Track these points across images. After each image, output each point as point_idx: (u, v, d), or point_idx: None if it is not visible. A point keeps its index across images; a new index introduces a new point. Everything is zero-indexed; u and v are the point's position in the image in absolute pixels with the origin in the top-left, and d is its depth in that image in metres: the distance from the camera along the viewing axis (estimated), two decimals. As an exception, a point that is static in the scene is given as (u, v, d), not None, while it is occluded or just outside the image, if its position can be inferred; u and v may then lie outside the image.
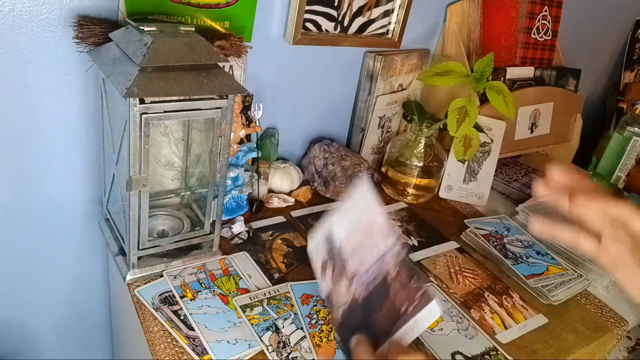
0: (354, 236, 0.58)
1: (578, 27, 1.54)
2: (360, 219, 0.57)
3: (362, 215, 0.57)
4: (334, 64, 1.09)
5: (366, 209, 0.57)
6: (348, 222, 0.59)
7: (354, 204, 0.59)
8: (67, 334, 1.07)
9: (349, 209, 0.60)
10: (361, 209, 0.58)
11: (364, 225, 0.57)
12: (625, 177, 1.34)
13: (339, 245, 0.59)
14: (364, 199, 0.58)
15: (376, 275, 0.53)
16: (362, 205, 0.58)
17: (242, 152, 0.96)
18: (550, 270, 0.94)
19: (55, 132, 0.84)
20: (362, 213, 0.58)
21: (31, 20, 0.74)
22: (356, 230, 0.58)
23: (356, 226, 0.58)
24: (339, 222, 0.61)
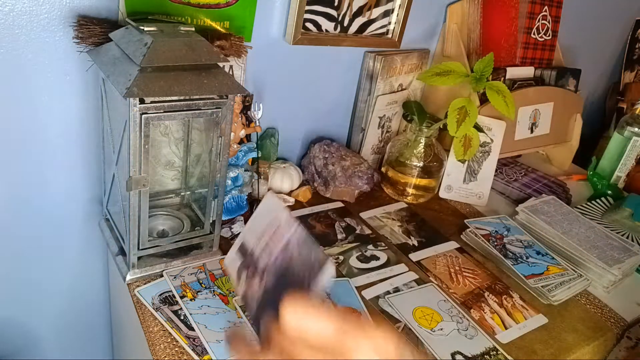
0: (263, 238, 0.60)
1: (578, 27, 1.54)
2: (266, 221, 0.60)
3: (267, 217, 0.60)
4: (334, 64, 1.09)
5: (270, 211, 0.60)
6: (256, 229, 0.61)
7: (260, 213, 0.62)
8: (67, 334, 1.07)
9: (257, 219, 0.62)
10: (266, 213, 0.60)
11: (269, 224, 0.59)
12: (625, 177, 1.34)
13: (249, 251, 0.61)
14: (269, 205, 0.61)
15: (282, 262, 0.54)
16: (267, 210, 0.61)
17: (242, 152, 0.96)
18: (550, 270, 0.94)
19: (55, 132, 0.84)
20: (267, 216, 0.60)
21: (31, 20, 0.74)
22: (264, 232, 0.60)
23: (264, 229, 0.60)
24: (249, 232, 0.63)
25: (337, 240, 0.96)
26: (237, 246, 0.65)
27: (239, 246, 0.64)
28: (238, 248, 0.64)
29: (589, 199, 1.26)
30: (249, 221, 0.64)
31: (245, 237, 0.64)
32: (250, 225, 0.64)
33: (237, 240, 0.65)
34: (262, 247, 0.59)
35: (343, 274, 0.87)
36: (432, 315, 0.81)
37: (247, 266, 0.61)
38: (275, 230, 0.58)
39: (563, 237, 1.01)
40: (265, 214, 0.61)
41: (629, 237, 1.08)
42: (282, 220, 0.58)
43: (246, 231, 0.64)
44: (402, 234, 1.01)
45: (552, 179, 1.29)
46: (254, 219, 0.63)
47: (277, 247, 0.57)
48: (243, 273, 0.62)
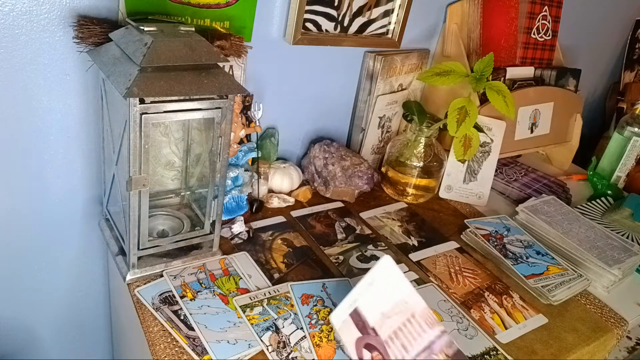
0: (389, 320, 0.56)
1: (578, 27, 1.54)
2: (392, 302, 0.56)
3: (393, 297, 0.56)
4: (334, 64, 1.09)
5: (396, 290, 0.56)
6: (376, 302, 0.58)
7: (379, 282, 0.58)
8: (67, 334, 1.07)
9: (374, 288, 0.58)
10: (390, 289, 0.57)
11: (398, 308, 0.56)
12: (625, 177, 1.34)
13: (371, 326, 0.58)
14: (391, 278, 0.57)
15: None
16: (391, 285, 0.57)
17: (242, 152, 0.96)
18: (550, 270, 0.94)
19: (55, 132, 0.84)
20: (392, 294, 0.56)
21: (31, 20, 0.74)
22: (389, 313, 0.56)
23: (388, 309, 0.56)
24: (365, 300, 0.59)
25: (337, 240, 0.96)
26: (349, 309, 0.60)
27: (352, 310, 0.60)
28: (352, 312, 0.60)
29: (589, 199, 1.26)
30: (363, 284, 0.59)
31: (358, 304, 0.59)
32: (366, 291, 0.59)
33: (348, 300, 0.60)
34: (391, 333, 0.56)
35: (343, 274, 0.87)
36: (432, 315, 0.81)
37: (371, 347, 0.58)
38: (409, 319, 0.54)
39: (563, 237, 1.01)
40: (385, 287, 0.57)
41: (629, 237, 1.08)
42: (417, 312, 0.54)
43: (360, 295, 0.59)
44: (402, 234, 1.01)
45: (552, 179, 1.29)
46: (369, 285, 0.58)
47: (415, 345, 0.54)
48: (366, 353, 0.59)
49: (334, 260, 0.90)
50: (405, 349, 0.54)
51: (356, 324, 0.59)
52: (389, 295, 0.57)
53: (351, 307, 0.61)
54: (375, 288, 0.58)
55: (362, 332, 0.59)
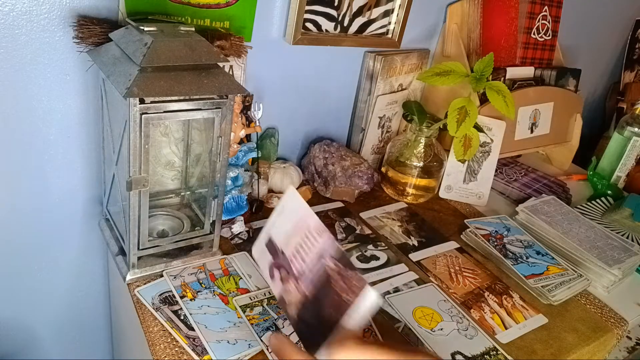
0: (292, 239, 0.62)
1: (578, 27, 1.54)
2: (294, 223, 0.62)
3: (295, 218, 0.62)
4: (334, 64, 1.09)
5: (297, 213, 0.62)
6: (284, 227, 0.64)
7: (285, 210, 0.65)
8: (67, 334, 1.07)
9: (282, 216, 0.65)
10: (293, 214, 0.63)
11: (298, 227, 0.61)
12: (625, 177, 1.34)
13: (280, 249, 0.64)
14: (293, 204, 0.63)
15: (320, 272, 0.57)
16: (293, 209, 0.63)
17: (242, 152, 0.96)
18: (550, 270, 0.94)
19: (55, 132, 0.84)
20: (294, 217, 0.62)
21: (31, 20, 0.74)
22: (293, 233, 0.62)
23: (291, 230, 0.62)
24: (276, 228, 0.65)
25: (337, 240, 0.96)
26: (264, 240, 0.66)
27: (267, 240, 0.66)
28: (266, 243, 0.66)
29: (589, 199, 1.26)
30: (273, 216, 0.66)
31: (271, 232, 0.66)
32: (275, 221, 0.66)
33: (263, 233, 0.67)
34: (293, 251, 0.61)
35: (343, 274, 0.87)
36: (432, 315, 0.81)
37: (279, 266, 0.63)
38: (306, 234, 0.60)
39: (563, 237, 1.01)
40: (290, 212, 0.63)
41: (629, 237, 1.08)
42: (311, 226, 0.59)
43: (271, 226, 0.66)
44: (402, 234, 1.01)
45: (552, 179, 1.29)
46: (278, 215, 0.65)
47: (310, 254, 0.59)
48: (276, 272, 0.64)
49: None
50: (304, 261, 0.59)
51: (270, 251, 0.65)
52: (292, 219, 0.62)
53: (266, 237, 0.66)
54: (283, 216, 0.64)
55: (274, 256, 0.65)
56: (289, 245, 0.62)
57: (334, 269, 0.55)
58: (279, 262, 0.63)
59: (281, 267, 0.63)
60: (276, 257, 0.64)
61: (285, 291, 0.62)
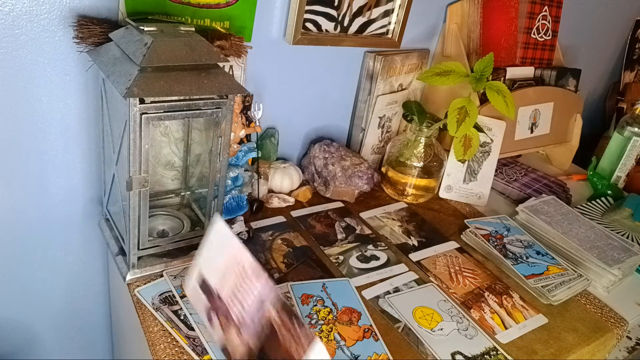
0: (227, 279, 0.57)
1: (578, 27, 1.54)
2: (227, 261, 0.57)
3: (227, 256, 0.57)
4: (334, 64, 1.09)
5: (229, 250, 0.57)
6: (216, 264, 0.59)
7: (214, 245, 0.59)
8: (67, 334, 1.07)
9: (212, 252, 0.59)
10: (224, 251, 0.58)
11: (232, 267, 0.56)
12: (625, 177, 1.34)
13: (215, 291, 0.59)
14: (223, 239, 0.58)
15: (262, 323, 0.53)
16: (224, 246, 0.58)
17: (242, 152, 0.96)
18: (550, 270, 0.94)
19: (55, 132, 0.84)
20: (225, 254, 0.57)
21: (31, 20, 0.74)
22: (226, 272, 0.57)
23: (224, 268, 0.57)
24: (207, 266, 0.60)
25: (337, 240, 0.96)
26: (197, 278, 0.62)
27: (200, 280, 0.61)
28: (200, 283, 0.61)
29: (589, 199, 1.26)
30: (202, 249, 0.61)
31: (203, 271, 0.61)
32: (206, 257, 0.60)
33: (194, 269, 0.61)
34: (230, 294, 0.57)
35: (343, 274, 0.87)
36: (432, 315, 0.81)
37: (216, 309, 0.59)
38: (242, 275, 0.55)
39: (563, 237, 1.01)
40: (220, 248, 0.58)
41: (629, 237, 1.08)
42: (245, 266, 0.55)
43: (203, 263, 0.61)
44: (402, 234, 1.01)
45: (552, 179, 1.29)
46: (208, 250, 0.60)
47: (249, 300, 0.55)
48: (214, 316, 0.60)
49: (334, 260, 0.90)
50: (244, 307, 0.55)
51: (204, 292, 0.61)
52: (224, 256, 0.57)
53: (199, 276, 0.62)
54: (213, 251, 0.59)
55: (209, 298, 0.60)
56: (224, 287, 0.57)
57: (278, 322, 0.52)
58: (216, 306, 0.59)
59: (219, 311, 0.58)
60: (212, 299, 0.59)
61: (228, 340, 0.57)
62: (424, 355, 0.74)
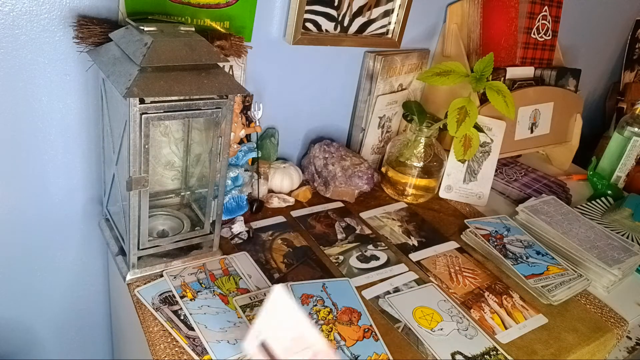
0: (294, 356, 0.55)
1: (578, 27, 1.54)
2: (291, 333, 0.55)
3: (291, 328, 0.55)
4: (334, 64, 1.09)
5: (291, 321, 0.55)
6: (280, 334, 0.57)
7: (277, 313, 0.57)
8: (67, 334, 1.07)
9: (277, 319, 0.57)
10: (287, 321, 0.56)
11: (297, 341, 0.55)
12: (625, 177, 1.34)
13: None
14: (288, 312, 0.56)
15: None
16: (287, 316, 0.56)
17: (242, 152, 0.96)
18: (550, 270, 0.94)
19: (55, 132, 0.84)
20: (290, 325, 0.55)
21: (31, 20, 0.74)
22: (292, 348, 0.56)
23: (289, 341, 0.56)
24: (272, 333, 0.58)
25: (337, 240, 0.96)
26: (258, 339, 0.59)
27: (261, 342, 0.58)
28: (261, 343, 0.58)
29: (589, 199, 1.26)
30: (266, 315, 0.58)
31: (266, 336, 0.58)
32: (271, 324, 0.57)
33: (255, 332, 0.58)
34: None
35: (343, 274, 0.87)
36: (432, 315, 0.81)
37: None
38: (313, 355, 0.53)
39: (563, 237, 1.01)
40: (286, 321, 0.56)
41: (629, 237, 1.08)
42: (316, 348, 0.53)
43: (267, 328, 0.58)
44: (402, 234, 1.01)
45: (552, 179, 1.29)
46: (273, 318, 0.57)
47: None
48: None
49: (334, 260, 0.90)
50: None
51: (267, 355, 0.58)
52: (286, 328, 0.55)
53: (258, 338, 0.59)
54: (275, 321, 0.57)
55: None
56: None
57: None
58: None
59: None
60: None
61: None
62: (424, 355, 0.74)
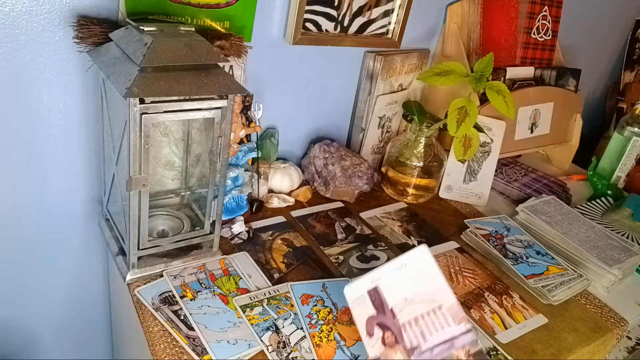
0: (412, 306, 0.55)
1: (578, 27, 1.54)
2: (421, 291, 0.56)
3: (422, 287, 0.56)
4: (334, 64, 1.09)
5: (428, 282, 0.55)
6: (402, 287, 0.56)
7: (409, 269, 0.57)
8: (67, 334, 1.07)
9: (402, 274, 0.57)
10: (420, 279, 0.56)
11: (426, 299, 0.55)
12: (625, 177, 1.34)
13: (390, 308, 0.57)
14: (425, 268, 0.56)
15: (445, 357, 0.52)
16: (422, 275, 0.56)
17: (242, 152, 0.96)
18: (550, 270, 0.94)
19: (55, 132, 0.84)
20: (421, 284, 0.56)
21: (31, 20, 0.74)
22: (414, 300, 0.55)
23: (413, 296, 0.55)
24: (389, 283, 0.58)
25: (337, 240, 0.96)
26: (369, 285, 0.59)
27: (372, 287, 0.58)
28: (369, 290, 0.58)
29: (589, 199, 1.26)
30: (388, 267, 0.58)
31: (380, 283, 0.58)
32: (393, 273, 0.57)
33: (367, 278, 0.58)
34: (410, 319, 0.54)
35: (343, 274, 0.87)
36: (432, 315, 0.81)
37: (385, 327, 0.56)
38: (434, 310, 0.53)
39: (563, 237, 1.01)
40: (416, 276, 0.56)
41: (629, 237, 1.08)
42: (445, 305, 0.53)
43: (382, 277, 0.58)
44: (402, 234, 1.01)
45: (552, 179, 1.29)
46: (397, 269, 0.57)
47: (435, 335, 0.53)
48: (377, 331, 0.57)
49: (334, 260, 0.90)
50: (423, 337, 0.54)
51: (373, 301, 0.58)
52: (418, 283, 0.56)
53: (372, 285, 0.59)
54: (404, 273, 0.58)
55: (378, 310, 0.58)
56: (405, 310, 0.55)
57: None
58: (384, 322, 0.56)
59: (387, 328, 0.56)
60: (381, 313, 0.57)
61: (387, 356, 0.55)
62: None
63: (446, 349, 0.52)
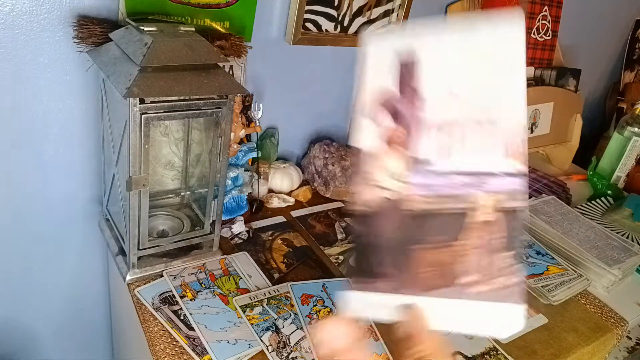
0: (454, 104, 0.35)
1: (578, 27, 1.54)
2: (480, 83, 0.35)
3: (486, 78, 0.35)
4: (334, 64, 1.09)
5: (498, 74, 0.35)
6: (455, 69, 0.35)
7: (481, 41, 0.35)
8: (67, 334, 1.07)
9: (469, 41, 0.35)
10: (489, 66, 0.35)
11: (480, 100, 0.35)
12: (625, 177, 1.34)
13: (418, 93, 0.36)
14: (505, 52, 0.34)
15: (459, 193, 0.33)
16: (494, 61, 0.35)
17: (242, 152, 0.96)
18: (550, 270, 0.94)
19: (55, 132, 0.84)
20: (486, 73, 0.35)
21: (31, 20, 0.74)
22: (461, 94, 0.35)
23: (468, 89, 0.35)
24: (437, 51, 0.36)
25: (337, 240, 0.96)
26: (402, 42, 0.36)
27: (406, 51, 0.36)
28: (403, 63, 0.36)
29: (589, 199, 1.26)
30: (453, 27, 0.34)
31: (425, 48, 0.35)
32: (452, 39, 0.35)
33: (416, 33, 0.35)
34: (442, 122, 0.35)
35: (343, 274, 0.87)
36: (432, 315, 0.81)
37: (398, 117, 0.36)
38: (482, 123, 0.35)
39: (563, 237, 1.01)
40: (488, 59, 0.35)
41: (629, 237, 1.08)
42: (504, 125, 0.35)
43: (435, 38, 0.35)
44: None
45: (552, 179, 1.29)
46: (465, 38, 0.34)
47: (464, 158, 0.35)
48: (383, 118, 0.37)
49: (334, 260, 0.90)
50: (446, 153, 0.35)
51: (401, 75, 0.37)
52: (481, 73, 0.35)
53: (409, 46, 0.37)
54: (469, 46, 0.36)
55: (402, 90, 0.37)
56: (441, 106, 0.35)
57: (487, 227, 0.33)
58: (399, 109, 0.36)
59: (399, 119, 0.37)
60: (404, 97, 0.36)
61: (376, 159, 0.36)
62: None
63: (469, 184, 0.34)
